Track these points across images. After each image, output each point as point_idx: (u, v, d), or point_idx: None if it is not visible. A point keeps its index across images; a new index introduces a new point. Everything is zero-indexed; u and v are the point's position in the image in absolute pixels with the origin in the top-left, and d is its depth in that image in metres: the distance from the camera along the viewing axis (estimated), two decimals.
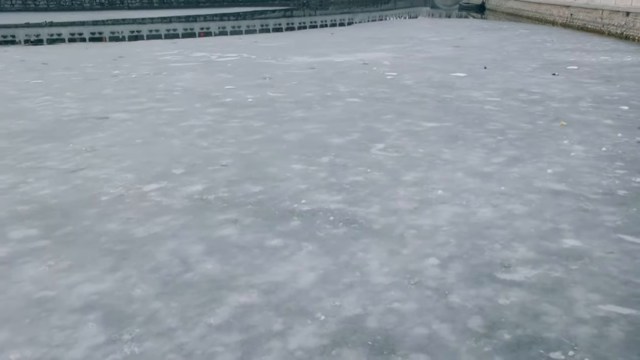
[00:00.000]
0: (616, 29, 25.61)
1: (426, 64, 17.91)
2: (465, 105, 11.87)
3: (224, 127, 10.18)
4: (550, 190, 6.93)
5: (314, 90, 13.57)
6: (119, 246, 5.48)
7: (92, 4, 50.71)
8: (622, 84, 13.94)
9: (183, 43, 27.09)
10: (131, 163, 8.08)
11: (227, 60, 19.55)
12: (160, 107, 11.86)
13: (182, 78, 15.62)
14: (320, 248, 5.45)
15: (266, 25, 41.30)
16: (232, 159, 8.29)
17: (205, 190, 6.99)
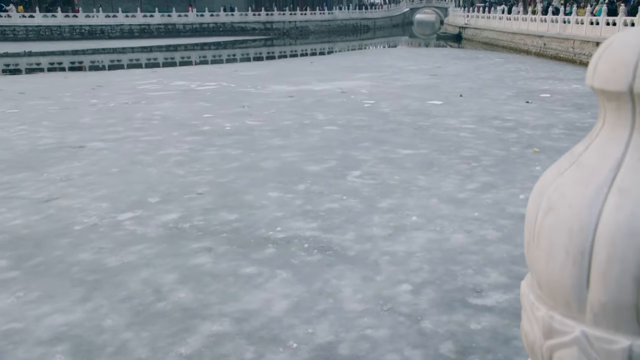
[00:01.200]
0: (587, 58, 26.32)
1: (403, 92, 18.18)
2: (441, 132, 12.05)
3: (201, 155, 10.20)
4: (522, 215, 7.03)
5: (292, 119, 13.67)
6: (90, 276, 5.42)
7: (72, 34, 50.75)
8: (593, 112, 14.29)
9: (163, 72, 27.18)
10: (106, 192, 8.03)
11: (207, 89, 19.65)
12: (138, 135, 11.85)
13: (160, 107, 15.64)
14: (294, 275, 5.45)
15: (247, 54, 41.64)
16: (208, 187, 8.29)
17: (181, 219, 6.97)
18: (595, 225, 0.47)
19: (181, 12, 57.74)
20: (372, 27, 72.19)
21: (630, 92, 0.48)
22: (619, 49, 0.49)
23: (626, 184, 0.47)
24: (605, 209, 0.47)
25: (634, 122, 0.51)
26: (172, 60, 36.96)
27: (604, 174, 0.49)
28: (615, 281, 0.46)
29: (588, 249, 0.48)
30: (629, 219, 0.46)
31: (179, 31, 55.73)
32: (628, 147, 0.50)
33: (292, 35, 61.07)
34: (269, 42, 53.70)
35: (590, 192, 0.49)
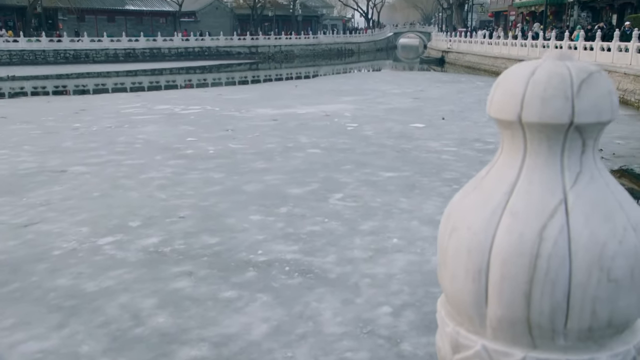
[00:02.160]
0: None
1: (386, 115, 18.36)
2: (423, 155, 12.16)
3: (184, 179, 10.18)
4: None
5: (276, 142, 13.73)
6: (68, 302, 5.36)
7: (57, 58, 50.69)
8: None
9: (147, 96, 27.19)
10: (87, 216, 7.97)
11: (191, 112, 19.68)
12: (120, 159, 11.81)
13: (144, 130, 15.63)
14: (274, 299, 5.43)
15: (232, 77, 41.85)
16: (190, 210, 8.27)
17: (161, 243, 6.94)
18: (490, 246, 0.51)
19: (166, 37, 58.03)
20: (356, 51, 73.02)
21: (519, 121, 0.52)
22: (510, 81, 0.53)
23: (517, 207, 0.51)
24: (499, 231, 0.51)
25: (525, 148, 0.55)
26: (157, 84, 37.02)
27: (498, 197, 0.53)
28: (508, 298, 0.49)
29: (485, 268, 0.51)
30: (518, 240, 0.50)
31: (164, 55, 55.91)
32: (521, 172, 0.54)
33: (277, 59, 61.55)
34: (254, 66, 54.05)
35: (487, 215, 0.53)
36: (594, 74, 0.52)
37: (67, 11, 56.88)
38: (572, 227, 0.49)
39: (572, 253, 0.49)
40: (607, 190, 0.51)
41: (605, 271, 0.48)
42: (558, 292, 0.48)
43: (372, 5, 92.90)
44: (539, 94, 0.51)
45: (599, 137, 0.56)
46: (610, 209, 0.50)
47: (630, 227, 0.50)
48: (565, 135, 0.52)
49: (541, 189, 0.52)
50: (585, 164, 0.52)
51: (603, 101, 0.51)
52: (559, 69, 0.52)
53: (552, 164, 0.52)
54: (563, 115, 0.50)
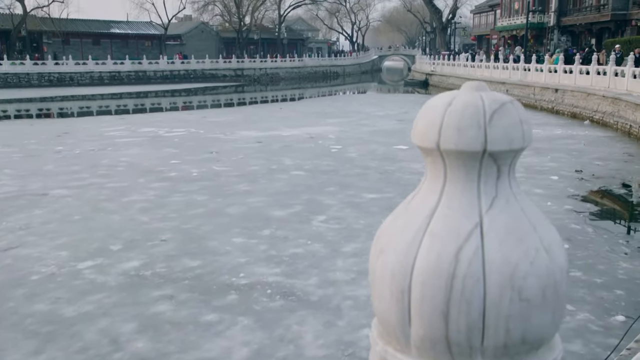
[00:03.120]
0: (547, 104, 27.26)
1: (371, 137, 18.48)
2: (406, 176, 12.23)
3: (167, 201, 10.14)
4: None
5: (260, 164, 13.74)
6: (45, 327, 5.28)
7: (41, 81, 50.47)
8: (552, 155, 14.72)
9: (132, 118, 27.13)
10: (67, 240, 7.89)
11: (175, 135, 19.66)
12: (103, 182, 11.73)
13: (127, 153, 15.57)
14: (255, 322, 5.40)
15: (217, 100, 41.93)
16: (172, 233, 8.22)
17: (142, 266, 6.88)
18: (412, 268, 0.53)
19: (152, 60, 58.14)
20: (341, 73, 73.65)
21: (438, 148, 0.55)
22: (430, 111, 0.57)
23: (436, 230, 0.54)
24: (420, 253, 0.53)
25: (445, 175, 0.58)
26: (142, 107, 36.97)
27: (420, 221, 0.56)
28: (428, 317, 0.52)
29: (407, 288, 0.53)
30: (436, 261, 0.52)
31: (150, 78, 55.92)
32: (441, 197, 0.57)
33: (263, 81, 61.85)
34: (240, 89, 54.22)
35: (409, 238, 0.55)
36: (506, 104, 0.56)
37: (51, 34, 56.84)
38: (486, 249, 0.52)
39: (486, 274, 0.51)
40: (521, 213, 0.54)
41: (517, 291, 0.51)
42: (473, 311, 0.50)
43: (357, 29, 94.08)
44: (454, 124, 0.55)
45: (514, 163, 0.60)
46: (523, 232, 0.53)
47: (542, 248, 0.53)
48: (481, 162, 0.55)
49: (459, 213, 0.55)
50: (501, 188, 0.55)
51: (514, 130, 0.54)
52: (473, 99, 0.56)
53: (470, 189, 0.55)
54: (476, 144, 0.54)
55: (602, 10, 45.39)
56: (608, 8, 44.38)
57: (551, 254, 0.53)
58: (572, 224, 8.71)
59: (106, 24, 64.49)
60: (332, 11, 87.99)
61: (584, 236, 8.11)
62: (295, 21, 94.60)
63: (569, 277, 2.18)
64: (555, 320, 0.54)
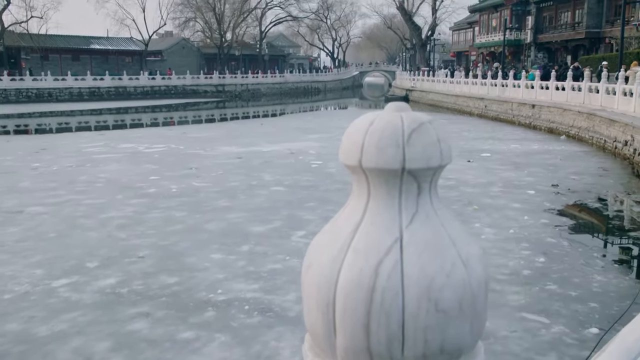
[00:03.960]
0: (525, 120, 27.67)
1: None
2: None
3: (145, 218, 10.06)
4: None
5: (240, 180, 13.72)
6: (17, 347, 5.18)
7: (19, 97, 49.91)
8: (530, 170, 14.92)
9: (111, 134, 26.94)
10: (42, 258, 7.78)
11: (155, 151, 19.56)
12: (80, 199, 11.61)
13: (106, 169, 15.44)
14: (233, 338, 5.36)
15: (198, 116, 41.84)
16: (150, 250, 8.16)
17: (119, 284, 6.81)
18: (336, 281, 0.56)
19: (132, 75, 57.93)
20: (322, 89, 74.06)
21: (360, 166, 0.58)
22: (353, 130, 0.59)
23: (359, 244, 0.56)
24: (343, 267, 0.56)
25: (369, 192, 0.60)
26: (122, 122, 36.75)
27: (345, 236, 0.59)
28: (351, 329, 0.54)
29: (331, 301, 0.56)
30: (358, 275, 0.55)
31: (130, 94, 55.66)
32: (365, 213, 0.59)
33: (244, 97, 61.91)
34: (221, 104, 54.18)
35: (334, 252, 0.58)
36: (424, 124, 0.59)
37: (30, 50, 56.37)
38: (405, 263, 0.54)
39: (404, 286, 0.54)
40: (441, 228, 0.57)
41: (433, 302, 0.53)
42: (393, 323, 0.52)
43: (338, 45, 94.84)
44: (375, 143, 0.57)
45: (434, 180, 0.62)
46: (442, 246, 0.56)
47: (460, 262, 0.55)
48: (401, 180, 0.58)
49: (380, 228, 0.57)
50: (422, 204, 0.58)
51: (432, 148, 0.57)
52: (393, 119, 0.59)
53: (391, 206, 0.58)
54: (395, 162, 0.56)
55: (577, 28, 46.44)
56: (582, 26, 45.42)
57: (469, 267, 0.56)
58: (548, 237, 8.83)
59: (86, 39, 64.18)
60: (313, 28, 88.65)
61: (559, 250, 8.21)
62: (276, 37, 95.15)
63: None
64: (474, 331, 0.56)
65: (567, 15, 48.58)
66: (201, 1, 69.10)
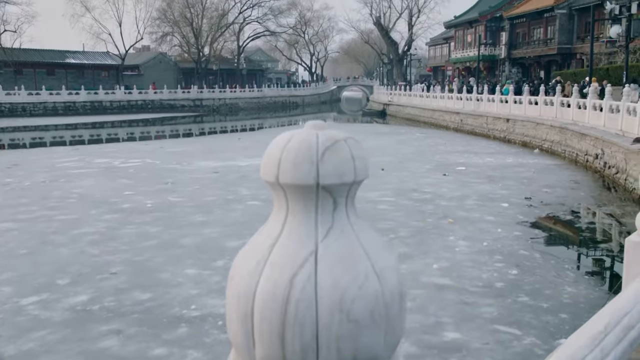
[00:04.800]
0: (499, 133, 28.11)
1: None
2: (361, 205, 12.29)
3: (118, 233, 9.95)
4: (435, 285, 7.25)
5: (216, 194, 13.66)
6: None
7: None
8: (504, 183, 15.14)
9: (86, 149, 26.66)
10: (11, 275, 7.64)
11: (130, 165, 19.39)
12: (52, 215, 11.44)
13: (80, 185, 15.25)
14: (205, 355, 5.31)
15: (176, 130, 41.64)
16: (123, 266, 8.06)
17: (90, 301, 6.71)
18: (254, 293, 0.58)
19: (108, 90, 57.50)
20: (300, 103, 74.34)
21: (278, 182, 0.61)
22: (272, 147, 0.62)
23: (276, 258, 0.59)
24: (261, 279, 0.58)
25: (287, 207, 0.63)
26: (97, 137, 36.40)
27: (264, 250, 0.61)
28: (267, 339, 0.56)
29: (250, 312, 0.58)
30: (274, 287, 0.57)
31: (106, 108, 55.19)
32: (284, 227, 0.62)
33: (222, 111, 61.83)
34: (199, 119, 54.02)
35: (253, 265, 0.60)
36: (338, 141, 0.62)
37: (3, 64, 55.63)
38: (319, 275, 0.57)
39: (317, 298, 0.56)
40: (356, 242, 0.59)
41: (345, 313, 0.56)
42: (306, 333, 0.55)
43: (316, 60, 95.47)
44: (291, 159, 0.60)
45: (351, 195, 0.65)
46: (355, 258, 0.58)
47: (373, 273, 0.58)
48: (317, 195, 0.60)
49: (296, 242, 0.60)
50: (337, 219, 0.60)
51: (345, 165, 0.60)
52: (309, 137, 0.61)
53: (308, 220, 0.61)
54: (309, 178, 0.59)
55: (550, 44, 47.51)
56: (555, 42, 46.48)
57: (382, 279, 0.58)
58: (521, 250, 8.95)
59: (61, 54, 63.60)
60: (291, 42, 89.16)
61: (532, 262, 8.33)
62: (254, 52, 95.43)
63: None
64: (388, 341, 0.59)
65: (540, 31, 49.69)
66: (179, 16, 69.08)
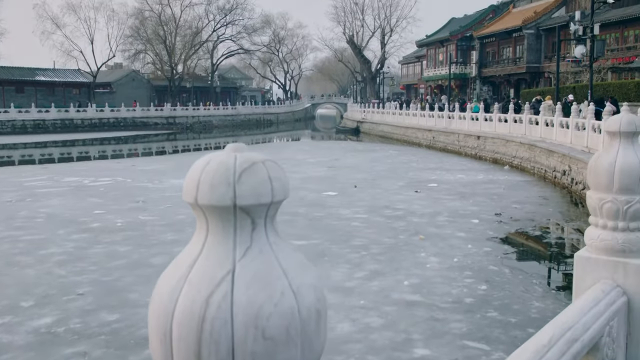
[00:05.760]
0: (471, 150, 28.53)
1: (301, 184, 18.63)
2: (334, 222, 12.38)
3: (87, 253, 9.78)
4: (406, 301, 7.28)
5: (187, 213, 13.52)
6: None
7: None
8: (475, 200, 15.34)
9: (56, 168, 26.22)
10: None
11: (100, 184, 19.12)
12: (18, 235, 11.20)
13: (48, 204, 14.98)
14: None
15: (149, 148, 41.28)
16: (90, 286, 7.92)
17: (55, 323, 6.56)
18: (173, 311, 0.59)
19: (80, 107, 56.79)
20: (275, 121, 74.44)
21: (197, 203, 0.63)
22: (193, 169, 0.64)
23: (194, 278, 0.61)
24: (180, 298, 0.60)
25: (207, 227, 0.65)
26: (68, 155, 35.86)
27: (183, 269, 0.63)
28: (185, 357, 0.57)
29: (168, 331, 0.59)
30: (191, 306, 0.58)
31: (77, 126, 54.45)
32: (203, 247, 0.64)
33: (196, 129, 61.52)
34: (172, 137, 53.65)
35: (173, 284, 0.62)
36: (256, 163, 0.64)
37: None
38: (235, 293, 0.58)
39: (233, 316, 0.58)
40: (274, 261, 0.62)
41: (260, 330, 0.57)
42: (222, 351, 0.56)
43: (290, 77, 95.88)
44: (209, 181, 0.62)
45: (270, 215, 0.67)
46: (272, 277, 0.60)
47: (290, 291, 0.60)
48: (235, 216, 0.62)
49: (215, 262, 0.62)
50: (256, 239, 0.63)
51: (262, 186, 0.62)
52: (227, 159, 0.64)
53: (226, 240, 0.63)
54: (226, 199, 0.61)
55: (518, 62, 48.63)
56: (523, 61, 47.61)
57: (299, 296, 0.60)
58: (491, 265, 9.05)
59: (31, 71, 62.64)
60: (265, 60, 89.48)
61: (501, 277, 8.43)
62: (228, 70, 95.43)
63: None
64: (307, 357, 0.60)
65: (509, 50, 50.85)
66: (152, 33, 68.82)
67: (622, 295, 1.81)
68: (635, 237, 1.91)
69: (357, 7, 70.23)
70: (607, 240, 1.92)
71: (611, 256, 1.91)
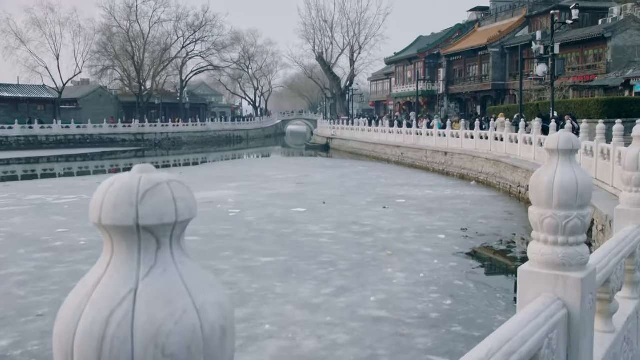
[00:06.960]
0: (438, 166, 28.92)
1: (269, 201, 18.60)
2: (302, 239, 12.37)
3: (48, 273, 9.56)
4: (372, 317, 7.30)
5: None
6: None
7: None
8: (441, 215, 15.53)
9: (18, 185, 25.63)
10: None
11: (64, 202, 18.76)
12: None
13: (8, 222, 14.61)
14: None
15: (116, 165, 40.70)
16: (51, 307, 7.72)
17: (12, 345, 6.38)
18: (74, 331, 0.60)
19: (44, 124, 55.75)
20: (245, 137, 74.25)
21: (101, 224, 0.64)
22: (98, 191, 0.66)
23: (97, 297, 0.62)
24: (82, 318, 0.61)
25: (112, 247, 0.66)
26: (32, 173, 35.10)
27: (87, 289, 0.64)
28: None
29: (70, 350, 0.60)
30: (91, 325, 0.59)
31: (42, 143, 53.39)
32: (108, 267, 0.65)
33: (164, 146, 60.94)
34: (140, 153, 53.02)
35: (76, 304, 0.62)
36: (160, 184, 0.65)
37: None
38: (136, 312, 0.60)
39: (134, 334, 0.59)
40: (178, 280, 0.63)
41: (160, 347, 0.59)
42: None
43: (260, 94, 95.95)
44: (112, 201, 0.64)
45: (175, 234, 0.69)
46: (175, 295, 0.62)
47: (193, 309, 0.61)
48: (139, 236, 0.64)
49: (118, 281, 0.63)
50: (161, 258, 0.64)
51: (165, 206, 0.64)
52: (131, 180, 0.65)
53: (130, 260, 0.64)
54: (129, 219, 0.63)
55: (484, 80, 49.70)
56: (489, 78, 48.68)
57: (202, 314, 0.62)
58: (456, 280, 9.16)
59: None
60: (235, 77, 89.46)
61: (466, 292, 8.53)
62: (198, 86, 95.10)
63: None
64: None
65: (475, 68, 51.93)
66: (120, 50, 68.20)
67: (562, 308, 1.86)
68: (574, 251, 1.97)
69: (326, 24, 70.91)
70: (548, 254, 1.98)
71: (552, 270, 1.97)
